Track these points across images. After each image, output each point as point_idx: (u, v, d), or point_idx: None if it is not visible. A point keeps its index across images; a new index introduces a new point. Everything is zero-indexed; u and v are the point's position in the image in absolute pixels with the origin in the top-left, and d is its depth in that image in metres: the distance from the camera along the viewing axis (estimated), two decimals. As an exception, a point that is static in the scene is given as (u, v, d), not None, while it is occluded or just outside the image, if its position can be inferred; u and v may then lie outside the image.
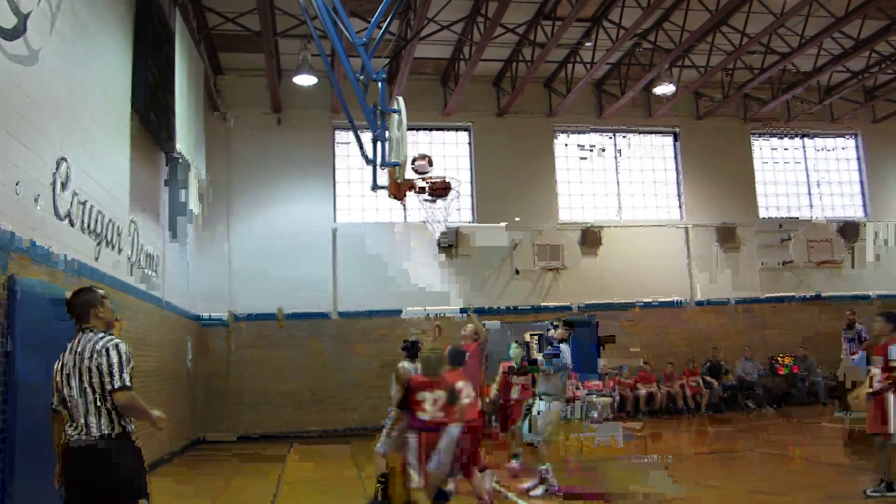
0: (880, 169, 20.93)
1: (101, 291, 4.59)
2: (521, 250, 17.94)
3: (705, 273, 19.15)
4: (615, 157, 19.66)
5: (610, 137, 19.73)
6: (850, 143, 21.22)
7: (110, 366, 4.22)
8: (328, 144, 18.06)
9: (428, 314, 17.41)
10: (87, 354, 4.26)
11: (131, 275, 10.65)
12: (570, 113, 19.08)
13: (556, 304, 18.12)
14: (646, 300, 18.58)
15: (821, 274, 19.66)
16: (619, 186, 19.53)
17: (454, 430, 6.28)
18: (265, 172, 17.43)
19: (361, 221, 17.94)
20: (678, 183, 19.75)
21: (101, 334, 4.36)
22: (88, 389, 4.22)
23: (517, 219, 17.81)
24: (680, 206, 19.64)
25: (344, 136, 17.99)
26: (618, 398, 16.97)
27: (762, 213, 19.96)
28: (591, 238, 18.55)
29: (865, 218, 20.55)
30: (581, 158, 19.44)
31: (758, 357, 18.38)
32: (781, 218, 19.97)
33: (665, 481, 8.88)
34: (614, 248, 18.66)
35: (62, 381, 4.30)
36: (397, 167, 8.31)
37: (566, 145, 19.43)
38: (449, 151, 18.79)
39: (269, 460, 12.56)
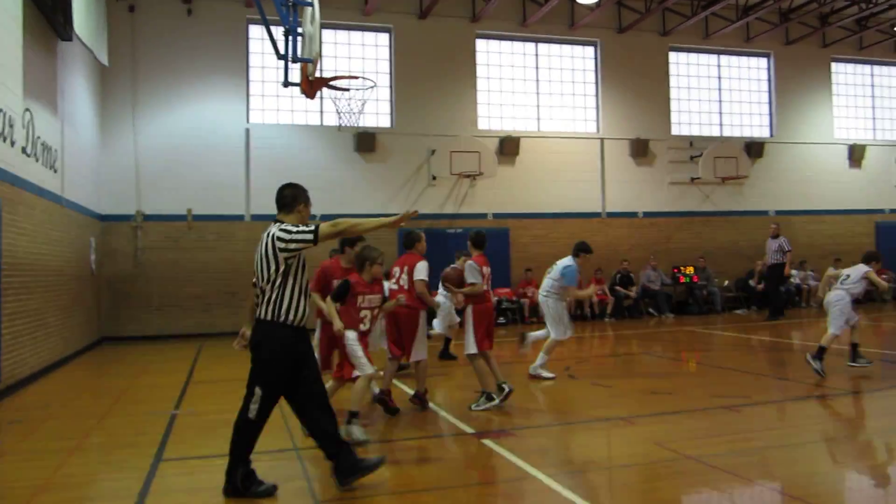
0: (788, 90, 21.55)
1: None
2: (439, 157, 17.83)
3: (617, 185, 19.58)
4: (536, 67, 19.54)
5: (532, 46, 19.54)
6: (763, 63, 21.67)
7: None
8: (241, 40, 17.24)
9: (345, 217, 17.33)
10: None
11: (26, 168, 10.07)
12: (493, 19, 18.74)
13: (471, 212, 18.25)
14: (559, 210, 18.91)
15: (724, 190, 20.39)
16: (539, 97, 19.50)
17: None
18: (174, 67, 16.57)
19: (276, 122, 17.40)
20: (596, 96, 19.84)
21: None
22: None
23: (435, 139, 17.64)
24: (597, 119, 19.80)
25: (259, 32, 17.20)
26: (528, 304, 17.51)
27: (674, 130, 20.36)
28: (509, 147, 18.59)
29: (771, 137, 21.27)
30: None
31: (662, 267, 19.10)
32: (692, 136, 20.44)
33: (561, 381, 9.26)
34: (531, 158, 18.78)
35: None
36: (310, 64, 7.98)
37: (488, 52, 19.15)
38: (368, 54, 18.25)
39: (178, 360, 12.43)
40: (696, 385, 9.11)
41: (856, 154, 21.85)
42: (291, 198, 5.01)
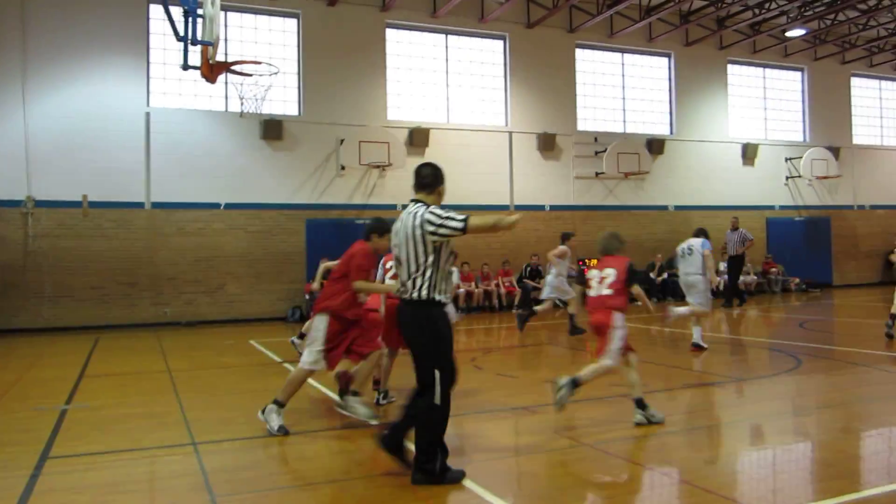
0: (687, 90, 22.40)
1: None
2: (348, 147, 17.66)
3: (525, 179, 19.89)
4: (445, 59, 19.59)
5: (441, 38, 19.57)
6: (664, 62, 22.43)
7: None
8: (141, 19, 16.57)
9: (249, 206, 17.01)
10: None
11: None
12: (403, 9, 18.68)
13: (381, 203, 18.16)
14: (468, 203, 19.04)
15: (627, 185, 21.04)
16: (448, 89, 19.56)
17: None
18: (68, 45, 15.78)
19: (179, 107, 16.81)
20: (505, 89, 20.08)
21: None
22: None
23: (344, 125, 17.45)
24: (505, 113, 20.04)
25: (160, 12, 16.55)
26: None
27: (580, 126, 20.83)
28: (418, 138, 18.58)
29: (671, 135, 22.06)
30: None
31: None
32: (597, 131, 20.96)
33: (467, 372, 9.36)
34: (441, 149, 18.82)
35: None
36: (210, 47, 7.72)
37: (398, 42, 19.07)
38: (275, 39, 17.86)
39: (71, 353, 11.87)
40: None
41: (749, 153, 22.94)
42: (432, 177, 5.04)
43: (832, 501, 4.36)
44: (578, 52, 21.01)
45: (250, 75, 8.39)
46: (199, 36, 7.93)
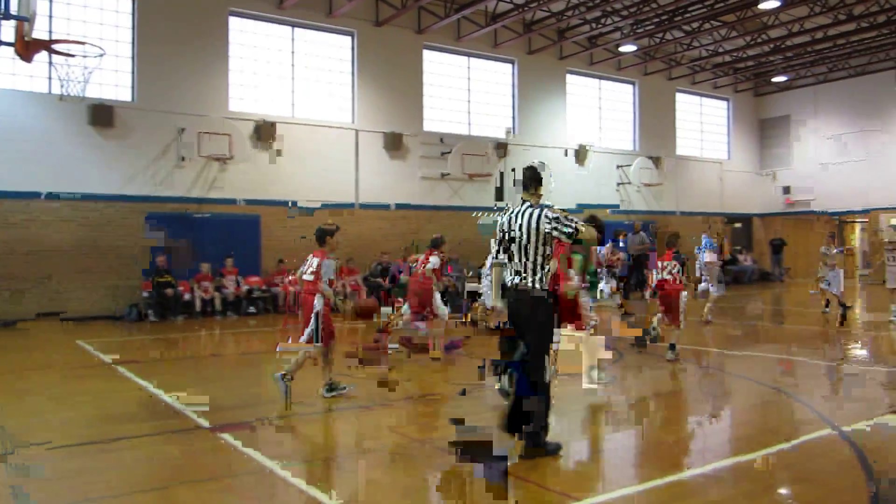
0: (529, 96, 23.22)
1: None
2: (187, 137, 16.86)
3: (371, 177, 19.84)
4: (292, 52, 19.17)
5: (288, 30, 19.14)
6: (508, 68, 23.13)
7: None
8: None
9: (75, 196, 15.87)
10: None
11: None
12: (249, -2, 18.11)
13: (221, 197, 17.50)
14: (313, 199, 18.75)
15: (471, 187, 21.50)
16: (295, 82, 19.16)
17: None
18: None
19: (-6, 86, 15.39)
20: (352, 86, 19.93)
21: None
22: None
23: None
24: (352, 110, 19.89)
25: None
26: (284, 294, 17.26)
27: (427, 126, 21.05)
28: (263, 132, 18.05)
29: (514, 137, 22.74)
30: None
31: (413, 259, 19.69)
32: (443, 132, 21.26)
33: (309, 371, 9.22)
34: (286, 144, 18.39)
35: None
36: (26, 23, 7.10)
37: (242, 31, 18.44)
38: (107, 19, 16.71)
39: None
40: (433, 371, 9.48)
41: (581, 156, 24.10)
42: (529, 179, 5.67)
43: (660, 481, 4.65)
44: (426, 54, 21.23)
45: (72, 55, 7.76)
46: (13, 10, 7.27)
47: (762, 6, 20.02)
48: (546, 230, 5.39)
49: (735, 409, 7.36)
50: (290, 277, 7.73)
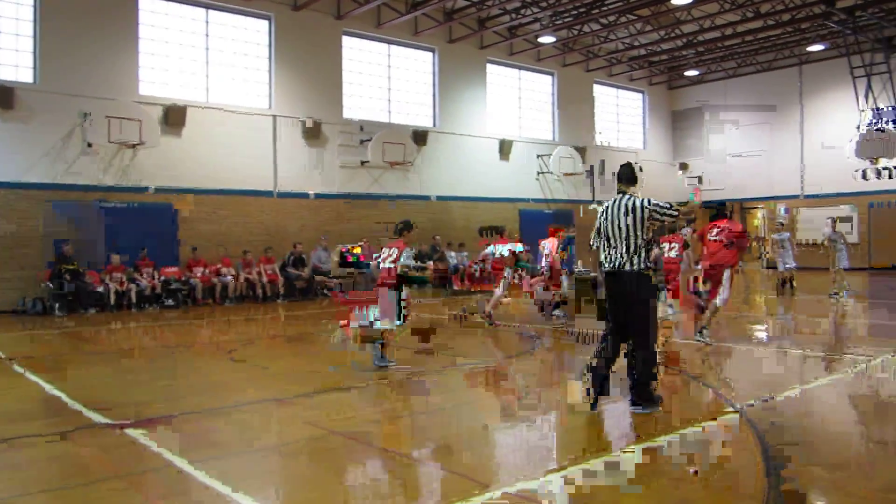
0: (450, 85, 23.18)
1: None
2: (94, 122, 16.11)
3: (290, 165, 19.44)
4: (206, 35, 18.55)
5: (202, 12, 18.51)
6: (429, 57, 23.03)
7: None
8: None
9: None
10: None
11: None
12: (160, -23, 17.40)
13: (131, 184, 16.84)
14: (229, 187, 18.26)
15: (392, 175, 21.34)
16: (209, 66, 18.56)
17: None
18: None
19: None
20: (270, 71, 19.45)
21: None
22: None
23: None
24: (270, 96, 19.43)
25: None
26: (199, 285, 16.78)
27: (346, 114, 20.76)
28: (174, 117, 17.43)
29: (434, 127, 22.71)
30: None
31: (332, 247, 19.38)
32: (363, 120, 21.00)
33: (227, 365, 8.98)
34: (200, 130, 17.84)
35: None
36: None
37: (152, 12, 17.72)
38: (6, -5, 15.78)
39: None
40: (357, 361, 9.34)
41: (504, 148, 24.29)
42: (630, 173, 6.58)
43: (564, 472, 4.68)
44: (345, 40, 20.91)
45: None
46: None
47: (674, 2, 20.53)
48: (656, 217, 6.23)
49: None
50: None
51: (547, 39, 24.25)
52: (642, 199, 6.31)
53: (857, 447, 5.38)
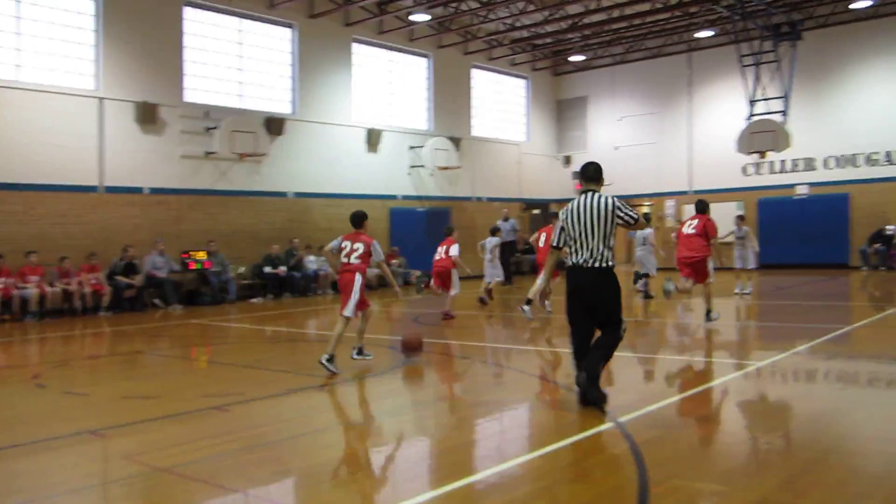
0: (311, 67, 22.92)
1: None
2: None
3: (119, 155, 18.64)
4: (17, 1, 17.49)
5: (9, -27, 17.45)
6: (287, 34, 22.68)
7: None
8: None
9: None
10: None
11: None
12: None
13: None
14: (43, 182, 17.29)
15: (242, 168, 20.89)
16: (21, 39, 17.49)
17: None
18: None
19: None
20: (97, 46, 18.56)
21: None
22: None
23: None
24: (97, 75, 18.55)
25: None
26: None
27: (188, 97, 20.12)
28: (-26, 98, 16.36)
29: (293, 114, 22.41)
30: None
31: (170, 252, 18.76)
32: (209, 105, 20.43)
33: (26, 394, 8.50)
34: (7, 114, 16.81)
35: None
36: None
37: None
38: None
39: None
40: (190, 385, 9.08)
41: (373, 139, 24.29)
42: (597, 172, 7.24)
43: (450, 487, 4.72)
44: (188, 11, 20.25)
45: None
46: None
47: (558, -21, 21.22)
48: (619, 216, 6.89)
49: (514, 409, 7.69)
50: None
51: (420, 18, 24.45)
52: (610, 198, 6.97)
53: (739, 457, 5.70)
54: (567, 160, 31.87)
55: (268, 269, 20.26)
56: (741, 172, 27.67)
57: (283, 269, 20.39)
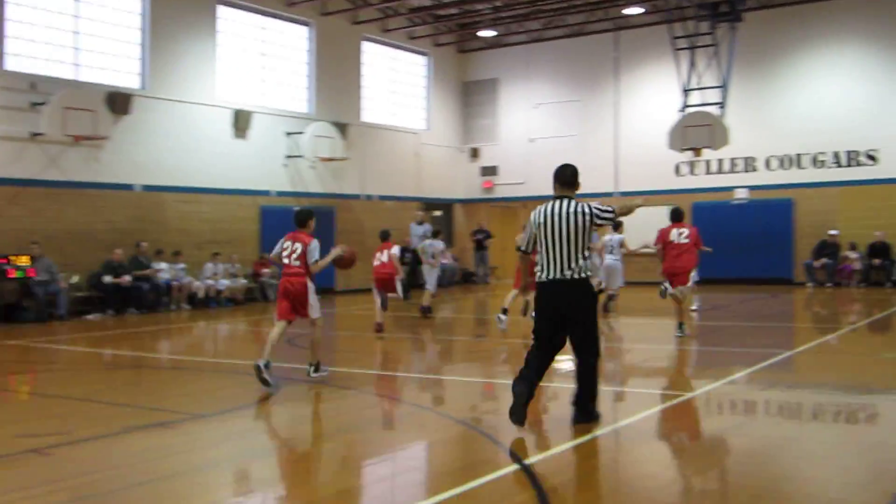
0: (164, 34, 22.37)
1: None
2: None
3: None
4: None
5: None
6: (134, -9, 22.20)
7: None
8: None
9: None
10: None
11: None
12: None
13: None
14: None
15: (78, 154, 20.28)
16: None
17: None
18: None
19: None
20: None
21: None
22: None
23: None
24: None
25: None
26: None
27: (9, 64, 19.42)
28: None
29: (142, 89, 21.87)
30: None
31: (-17, 257, 18.10)
32: (35, 74, 19.75)
33: None
34: None
35: None
36: None
37: None
38: None
39: None
40: (4, 422, 8.76)
41: (241, 122, 23.92)
42: (573, 176, 7.95)
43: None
44: (9, -41, 19.58)
45: None
46: None
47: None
48: (597, 223, 7.65)
49: (410, 448, 7.70)
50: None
51: (300, -22, 24.29)
52: (586, 205, 7.61)
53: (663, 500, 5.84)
54: (474, 153, 32.20)
55: (108, 279, 19.71)
56: (674, 172, 28.49)
57: (126, 278, 19.87)
